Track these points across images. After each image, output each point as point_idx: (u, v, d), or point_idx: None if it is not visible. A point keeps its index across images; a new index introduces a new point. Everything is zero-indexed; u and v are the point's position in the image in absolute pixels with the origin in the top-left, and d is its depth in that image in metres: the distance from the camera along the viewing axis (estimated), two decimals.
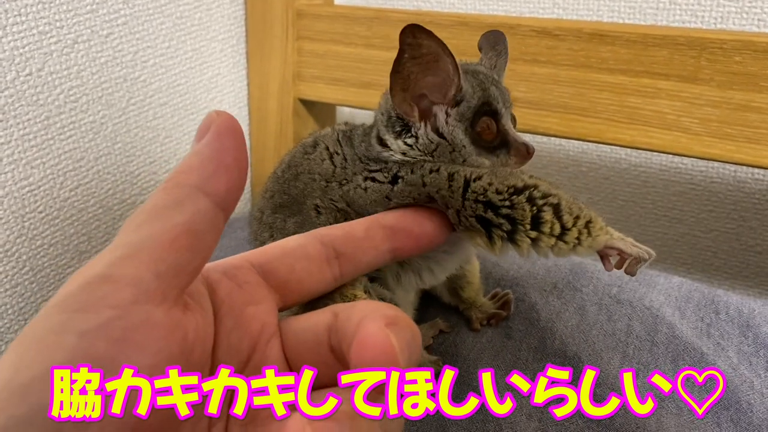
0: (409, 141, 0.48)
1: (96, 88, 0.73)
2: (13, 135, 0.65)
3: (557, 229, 0.43)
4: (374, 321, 0.26)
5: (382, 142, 0.48)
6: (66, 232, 0.73)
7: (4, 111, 0.64)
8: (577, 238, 0.43)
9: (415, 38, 0.43)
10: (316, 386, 0.32)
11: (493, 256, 0.46)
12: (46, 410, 0.22)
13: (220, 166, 0.29)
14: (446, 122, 0.47)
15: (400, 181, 0.45)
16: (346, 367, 0.30)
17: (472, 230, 0.44)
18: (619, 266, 0.44)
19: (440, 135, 0.47)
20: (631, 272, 0.45)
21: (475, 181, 0.44)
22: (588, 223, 0.43)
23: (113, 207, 0.78)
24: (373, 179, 0.47)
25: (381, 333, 0.26)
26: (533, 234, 0.43)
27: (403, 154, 0.48)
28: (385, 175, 0.46)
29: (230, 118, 0.30)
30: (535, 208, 0.43)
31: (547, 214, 0.43)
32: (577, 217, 0.43)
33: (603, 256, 0.45)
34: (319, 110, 0.93)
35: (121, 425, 0.24)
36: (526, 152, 0.47)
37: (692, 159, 0.86)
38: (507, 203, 0.43)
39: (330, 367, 0.31)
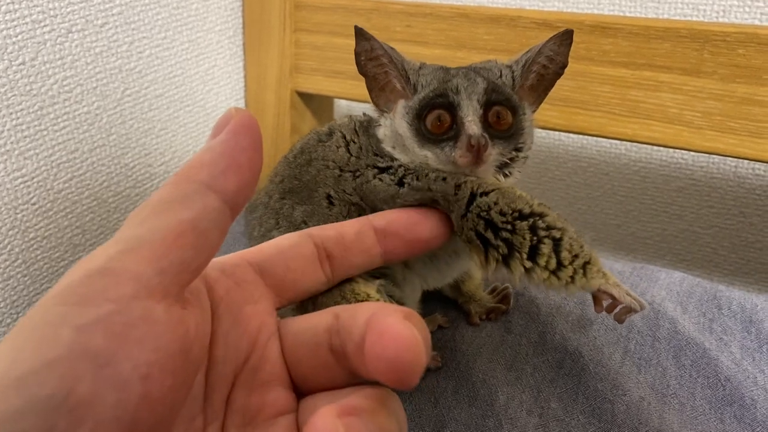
0: (380, 133, 0.49)
1: (90, 79, 0.72)
2: (5, 125, 0.64)
3: (553, 264, 0.42)
4: (392, 315, 0.26)
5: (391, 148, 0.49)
6: (59, 225, 0.72)
7: None
8: (571, 277, 0.42)
9: (367, 41, 0.47)
10: (315, 389, 0.31)
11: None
12: (41, 403, 0.21)
13: (232, 164, 0.28)
14: (399, 114, 0.48)
15: (405, 185, 0.45)
16: (347, 368, 0.29)
17: (471, 244, 0.44)
18: (609, 310, 0.44)
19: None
20: (619, 320, 0.44)
21: (481, 195, 0.43)
22: (585, 264, 0.43)
23: (107, 199, 0.77)
24: (381, 180, 0.47)
25: (402, 325, 0.25)
26: (528, 264, 0.42)
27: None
28: (392, 178, 0.46)
29: (249, 116, 0.30)
30: (535, 238, 0.42)
31: (546, 247, 0.42)
32: (576, 256, 0.42)
33: (595, 298, 0.44)
34: (317, 103, 0.93)
35: (116, 422, 0.23)
36: (467, 146, 0.43)
37: (693, 154, 0.86)
38: (508, 227, 0.42)
39: (329, 369, 0.30)
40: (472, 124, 0.45)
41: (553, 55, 0.49)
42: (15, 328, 0.24)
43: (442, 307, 0.62)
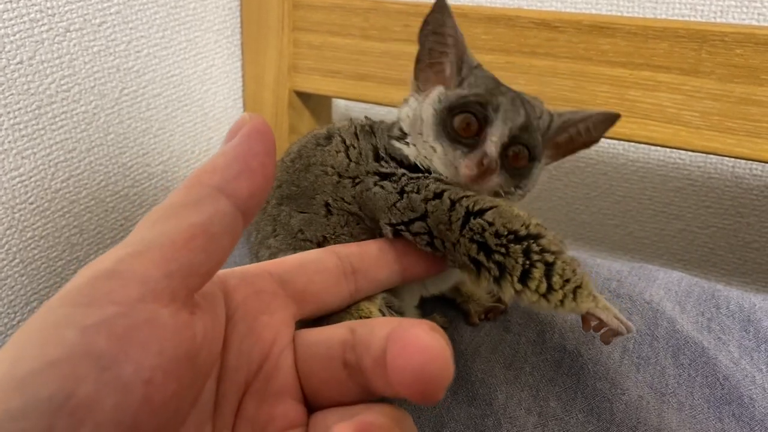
0: (405, 110, 0.50)
1: (88, 78, 0.72)
2: (3, 124, 0.63)
3: (543, 287, 0.42)
4: (417, 326, 0.26)
5: (401, 134, 0.50)
6: (57, 224, 0.71)
7: None
8: (561, 301, 0.42)
9: (442, 15, 0.47)
10: (325, 404, 0.31)
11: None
12: (42, 404, 0.21)
13: (245, 169, 0.28)
14: (431, 100, 0.48)
15: (405, 196, 0.45)
16: (360, 384, 0.29)
17: (463, 268, 0.44)
18: (596, 329, 0.44)
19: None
20: (605, 341, 0.44)
21: (476, 216, 0.43)
22: (576, 289, 0.42)
23: (105, 199, 0.77)
24: (382, 187, 0.46)
25: (429, 336, 0.25)
26: (518, 287, 0.42)
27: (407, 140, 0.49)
28: (394, 186, 0.46)
29: (263, 122, 0.30)
30: (527, 262, 0.42)
31: (537, 272, 0.42)
32: (567, 281, 0.42)
33: (584, 319, 0.44)
34: (314, 103, 0.93)
35: (115, 426, 0.23)
36: (478, 162, 0.45)
37: (690, 154, 0.86)
38: (502, 249, 0.42)
39: (340, 384, 0.30)
40: (493, 145, 0.45)
41: (591, 128, 0.50)
42: (21, 329, 0.24)
43: (441, 307, 0.61)
